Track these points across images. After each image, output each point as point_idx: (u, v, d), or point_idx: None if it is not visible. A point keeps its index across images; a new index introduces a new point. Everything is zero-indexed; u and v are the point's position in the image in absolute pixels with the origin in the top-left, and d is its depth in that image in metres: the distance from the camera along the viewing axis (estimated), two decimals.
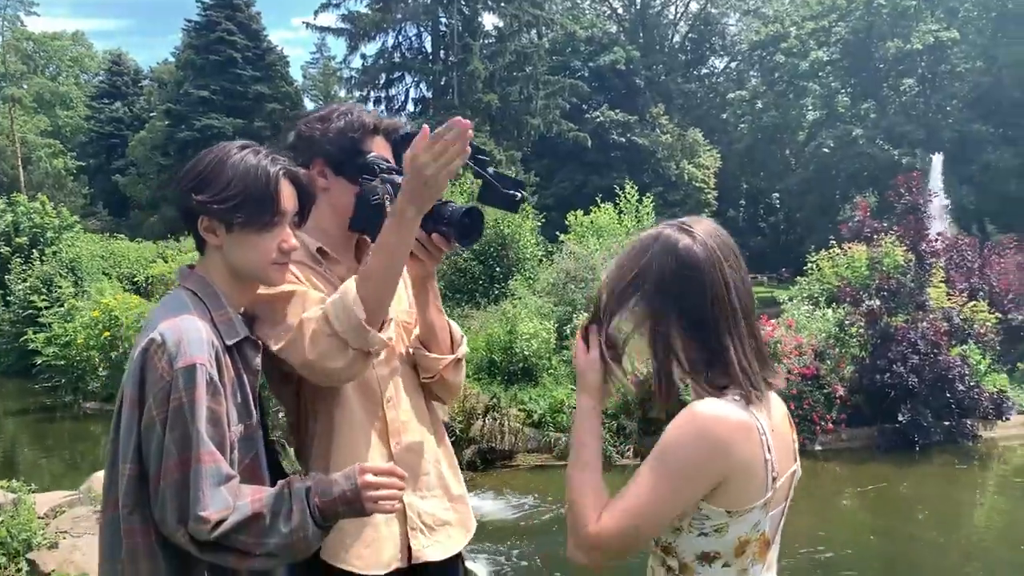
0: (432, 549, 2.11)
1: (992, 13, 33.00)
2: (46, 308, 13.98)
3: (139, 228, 31.57)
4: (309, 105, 43.76)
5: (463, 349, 2.24)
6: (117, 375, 12.54)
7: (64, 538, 4.71)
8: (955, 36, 32.60)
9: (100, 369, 12.70)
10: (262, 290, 1.91)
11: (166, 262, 18.15)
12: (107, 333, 12.42)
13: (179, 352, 1.65)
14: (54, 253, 17.93)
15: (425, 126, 1.75)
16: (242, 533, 1.63)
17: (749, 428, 1.45)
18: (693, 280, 1.50)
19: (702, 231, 1.55)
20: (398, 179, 1.95)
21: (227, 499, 1.63)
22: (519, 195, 2.01)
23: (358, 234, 2.16)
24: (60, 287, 15.31)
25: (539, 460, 9.46)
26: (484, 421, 9.61)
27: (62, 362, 13.03)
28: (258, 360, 1.85)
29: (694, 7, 45.11)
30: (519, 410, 9.91)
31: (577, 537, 1.47)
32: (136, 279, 17.41)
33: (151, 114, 39.44)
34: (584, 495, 1.50)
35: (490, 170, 1.98)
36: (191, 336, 1.68)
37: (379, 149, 2.10)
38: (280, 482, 1.73)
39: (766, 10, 41.78)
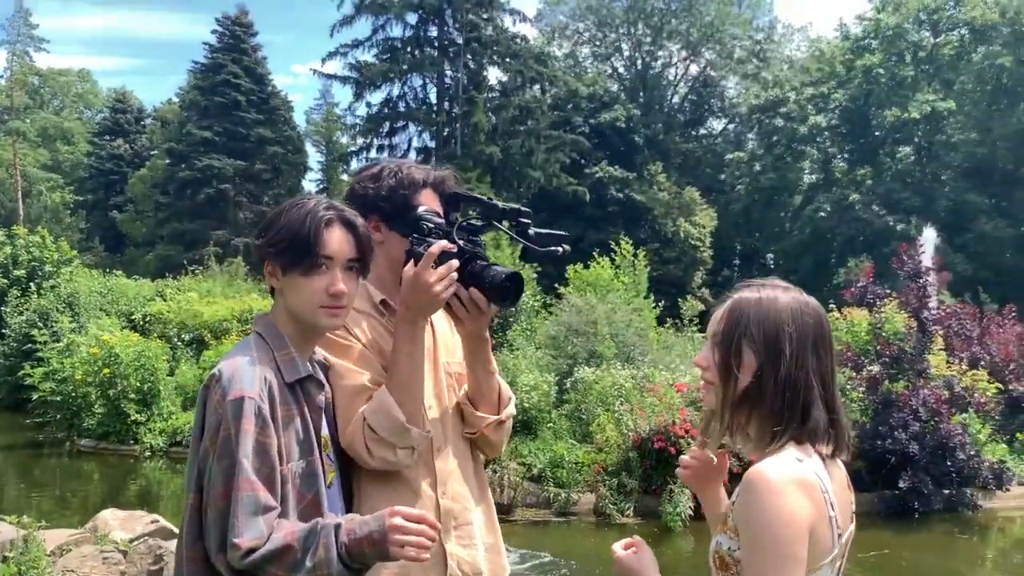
0: None
1: (988, 86, 33.68)
2: (44, 344, 13.81)
3: (134, 265, 31.54)
4: (311, 150, 44.19)
5: (508, 411, 2.30)
6: (113, 413, 12.40)
7: None
8: (951, 106, 33.23)
9: (96, 406, 12.52)
10: (331, 359, 2.04)
11: (164, 300, 18.06)
12: (107, 371, 12.31)
13: (231, 386, 1.74)
14: (52, 287, 17.83)
15: (432, 248, 1.99)
16: (272, 564, 1.67)
17: (813, 485, 1.48)
18: (827, 335, 1.57)
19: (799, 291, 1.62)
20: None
21: (261, 528, 1.67)
22: (559, 250, 2.11)
23: None
24: (58, 322, 15.15)
25: (537, 516, 9.38)
26: None
27: (58, 398, 12.83)
28: (321, 398, 1.93)
29: (694, 69, 45.92)
30: (519, 463, 9.84)
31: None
32: (133, 316, 17.30)
33: (152, 152, 39.64)
34: None
35: (531, 231, 2.09)
36: (243, 371, 1.77)
37: (428, 201, 2.21)
38: (316, 518, 1.76)
39: (766, 75, 42.49)
